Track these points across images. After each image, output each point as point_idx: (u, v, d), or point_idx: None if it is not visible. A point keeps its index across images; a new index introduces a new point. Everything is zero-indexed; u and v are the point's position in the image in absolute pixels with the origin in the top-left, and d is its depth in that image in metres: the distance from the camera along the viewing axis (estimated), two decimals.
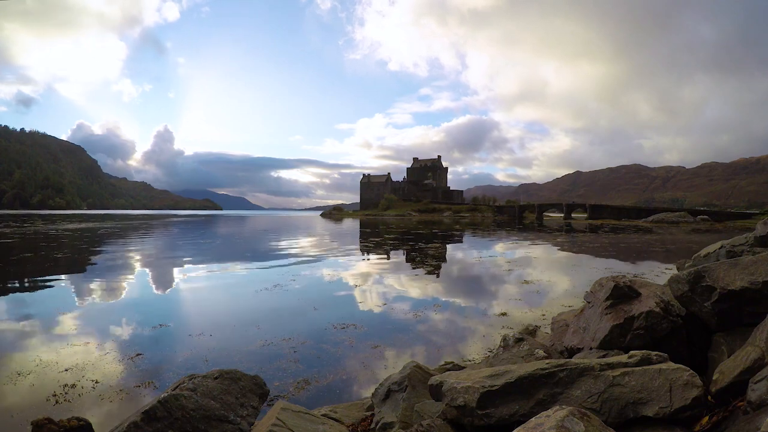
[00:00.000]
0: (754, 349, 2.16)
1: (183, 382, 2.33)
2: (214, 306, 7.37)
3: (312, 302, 7.59)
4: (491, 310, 7.03)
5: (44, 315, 6.56)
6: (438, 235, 29.36)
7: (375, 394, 2.92)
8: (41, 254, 15.17)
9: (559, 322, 4.19)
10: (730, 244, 4.18)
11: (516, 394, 2.07)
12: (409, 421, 2.51)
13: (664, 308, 2.81)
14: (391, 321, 6.38)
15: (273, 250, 17.42)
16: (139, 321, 6.24)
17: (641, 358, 2.11)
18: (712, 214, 60.33)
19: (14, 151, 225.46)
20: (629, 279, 3.22)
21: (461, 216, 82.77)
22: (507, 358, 3.23)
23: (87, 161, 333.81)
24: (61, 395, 3.78)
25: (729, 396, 2.10)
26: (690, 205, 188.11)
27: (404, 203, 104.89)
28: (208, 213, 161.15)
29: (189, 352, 4.91)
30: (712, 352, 2.65)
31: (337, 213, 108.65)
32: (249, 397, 2.46)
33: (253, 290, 8.59)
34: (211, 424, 2.17)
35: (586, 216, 70.74)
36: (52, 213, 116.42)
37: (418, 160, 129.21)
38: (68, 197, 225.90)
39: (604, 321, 2.98)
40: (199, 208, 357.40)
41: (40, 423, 2.02)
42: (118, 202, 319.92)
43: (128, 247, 18.43)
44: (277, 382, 4.09)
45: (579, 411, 1.60)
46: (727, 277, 2.66)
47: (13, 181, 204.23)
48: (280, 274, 10.79)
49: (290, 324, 6.14)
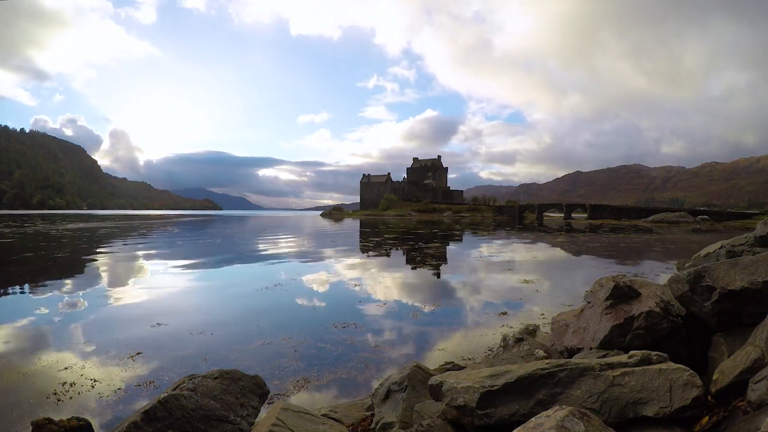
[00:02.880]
0: (754, 349, 2.16)
1: (183, 382, 2.33)
2: (214, 305, 7.37)
3: (312, 301, 7.59)
4: (491, 309, 7.03)
5: (44, 314, 6.56)
6: (438, 235, 29.35)
7: (375, 394, 2.92)
8: (41, 254, 15.18)
9: (559, 322, 4.19)
10: (730, 244, 4.18)
11: (516, 394, 2.07)
12: (409, 421, 2.51)
13: (664, 308, 2.81)
14: (391, 320, 6.38)
15: (273, 250, 17.42)
16: (139, 320, 6.23)
17: (641, 358, 2.11)
18: (712, 214, 60.33)
19: (14, 151, 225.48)
20: (629, 279, 3.22)
21: (461, 216, 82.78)
22: (507, 358, 3.23)
23: (87, 161, 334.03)
24: (61, 393, 3.79)
25: (729, 396, 2.10)
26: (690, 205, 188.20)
27: (404, 203, 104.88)
28: (208, 213, 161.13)
29: (189, 351, 4.91)
30: (712, 352, 2.65)
31: (337, 213, 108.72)
32: (249, 397, 2.46)
33: (254, 289, 8.58)
34: (211, 424, 2.17)
35: (586, 216, 70.73)
36: (52, 213, 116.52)
37: (418, 160, 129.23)
38: (68, 197, 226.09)
39: (604, 321, 2.98)
40: (199, 208, 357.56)
41: (40, 423, 2.02)
42: (118, 202, 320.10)
43: (128, 247, 18.43)
44: (276, 381, 4.09)
45: (579, 411, 1.60)
46: (727, 277, 2.66)
47: (13, 181, 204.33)
48: (280, 273, 10.79)
49: (290, 323, 6.14)
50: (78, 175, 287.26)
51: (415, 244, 20.83)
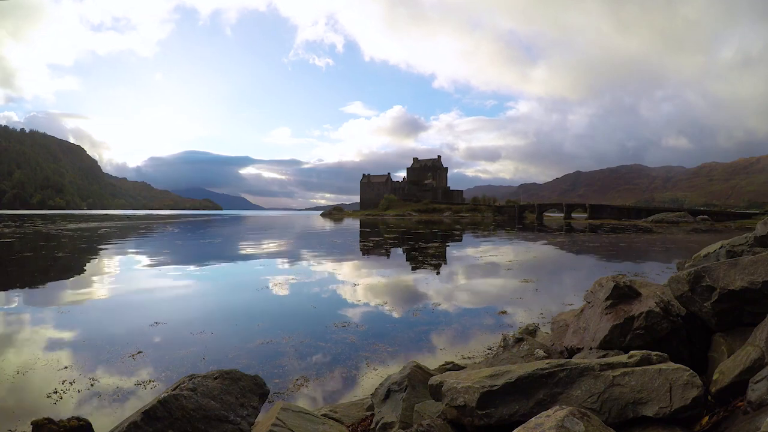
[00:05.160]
0: (754, 349, 2.16)
1: (183, 382, 2.33)
2: (214, 304, 7.37)
3: (312, 301, 7.59)
4: (491, 309, 7.03)
5: (45, 313, 6.56)
6: (438, 235, 29.35)
7: (375, 393, 2.92)
8: (41, 254, 15.18)
9: (558, 322, 4.19)
10: (730, 244, 4.19)
11: (516, 394, 2.07)
12: (409, 421, 2.51)
13: (664, 308, 2.81)
14: (391, 320, 6.38)
15: (273, 249, 17.42)
16: (140, 319, 6.23)
17: (641, 358, 2.11)
18: (712, 214, 60.29)
19: (14, 151, 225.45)
20: (629, 279, 3.22)
21: (461, 216, 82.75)
22: (507, 358, 3.23)
23: (87, 161, 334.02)
24: (61, 392, 3.79)
25: (729, 396, 2.10)
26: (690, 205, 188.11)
27: (404, 203, 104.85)
28: (208, 213, 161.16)
29: (189, 350, 4.91)
30: (712, 352, 2.65)
31: (337, 213, 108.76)
32: (249, 397, 2.46)
33: (254, 289, 8.59)
34: (211, 424, 2.17)
35: (586, 216, 70.72)
36: (52, 213, 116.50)
37: (418, 160, 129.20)
38: (68, 197, 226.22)
39: (604, 321, 2.98)
40: (199, 208, 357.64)
41: (40, 423, 2.02)
42: (118, 202, 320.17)
43: (128, 247, 18.43)
44: (276, 379, 4.10)
45: (579, 411, 1.60)
46: (727, 277, 2.66)
47: (13, 181, 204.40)
48: (280, 272, 10.79)
49: (290, 322, 6.14)
50: (78, 175, 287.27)
51: (415, 244, 20.82)
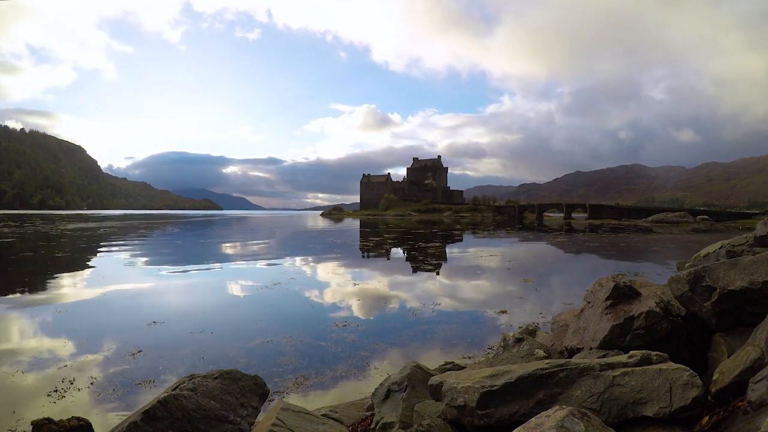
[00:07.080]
0: (754, 349, 2.16)
1: (183, 382, 2.33)
2: (214, 304, 7.37)
3: (312, 300, 7.59)
4: (491, 309, 7.03)
5: (44, 312, 6.55)
6: (438, 235, 29.35)
7: (375, 393, 2.92)
8: (41, 254, 15.18)
9: (558, 322, 4.19)
10: (730, 244, 4.19)
11: (516, 394, 2.07)
12: (409, 421, 2.51)
13: (664, 308, 2.81)
14: (391, 320, 6.38)
15: (273, 249, 17.42)
16: (140, 318, 6.23)
17: (641, 358, 2.11)
18: (712, 214, 60.28)
19: (14, 151, 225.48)
20: (629, 279, 3.22)
21: (461, 216, 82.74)
22: (507, 357, 3.23)
23: (87, 161, 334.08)
24: (61, 392, 3.79)
25: (729, 396, 2.10)
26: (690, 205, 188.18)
27: (404, 203, 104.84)
28: (209, 213, 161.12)
29: (189, 350, 4.91)
30: (712, 352, 2.65)
31: (337, 213, 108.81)
32: (249, 397, 2.46)
33: (254, 288, 8.58)
34: (211, 424, 2.17)
35: (586, 216, 70.70)
36: (51, 213, 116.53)
37: (418, 160, 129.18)
38: (68, 197, 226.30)
39: (604, 321, 2.98)
40: (200, 208, 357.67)
41: (40, 423, 2.02)
42: (118, 202, 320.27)
43: (128, 247, 18.43)
44: (276, 379, 4.10)
45: (579, 411, 1.60)
46: (727, 277, 2.66)
47: (13, 181, 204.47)
48: (280, 272, 10.79)
49: (290, 322, 6.14)
50: (78, 175, 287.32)
51: (415, 244, 20.82)
